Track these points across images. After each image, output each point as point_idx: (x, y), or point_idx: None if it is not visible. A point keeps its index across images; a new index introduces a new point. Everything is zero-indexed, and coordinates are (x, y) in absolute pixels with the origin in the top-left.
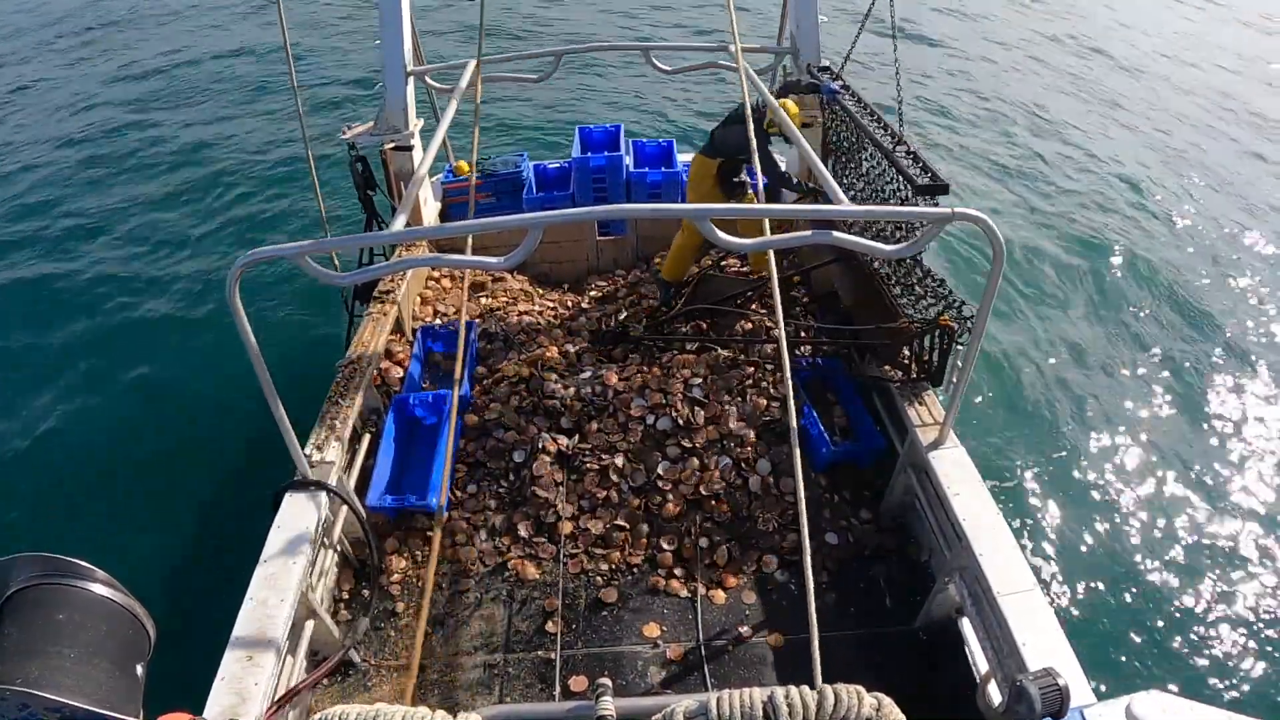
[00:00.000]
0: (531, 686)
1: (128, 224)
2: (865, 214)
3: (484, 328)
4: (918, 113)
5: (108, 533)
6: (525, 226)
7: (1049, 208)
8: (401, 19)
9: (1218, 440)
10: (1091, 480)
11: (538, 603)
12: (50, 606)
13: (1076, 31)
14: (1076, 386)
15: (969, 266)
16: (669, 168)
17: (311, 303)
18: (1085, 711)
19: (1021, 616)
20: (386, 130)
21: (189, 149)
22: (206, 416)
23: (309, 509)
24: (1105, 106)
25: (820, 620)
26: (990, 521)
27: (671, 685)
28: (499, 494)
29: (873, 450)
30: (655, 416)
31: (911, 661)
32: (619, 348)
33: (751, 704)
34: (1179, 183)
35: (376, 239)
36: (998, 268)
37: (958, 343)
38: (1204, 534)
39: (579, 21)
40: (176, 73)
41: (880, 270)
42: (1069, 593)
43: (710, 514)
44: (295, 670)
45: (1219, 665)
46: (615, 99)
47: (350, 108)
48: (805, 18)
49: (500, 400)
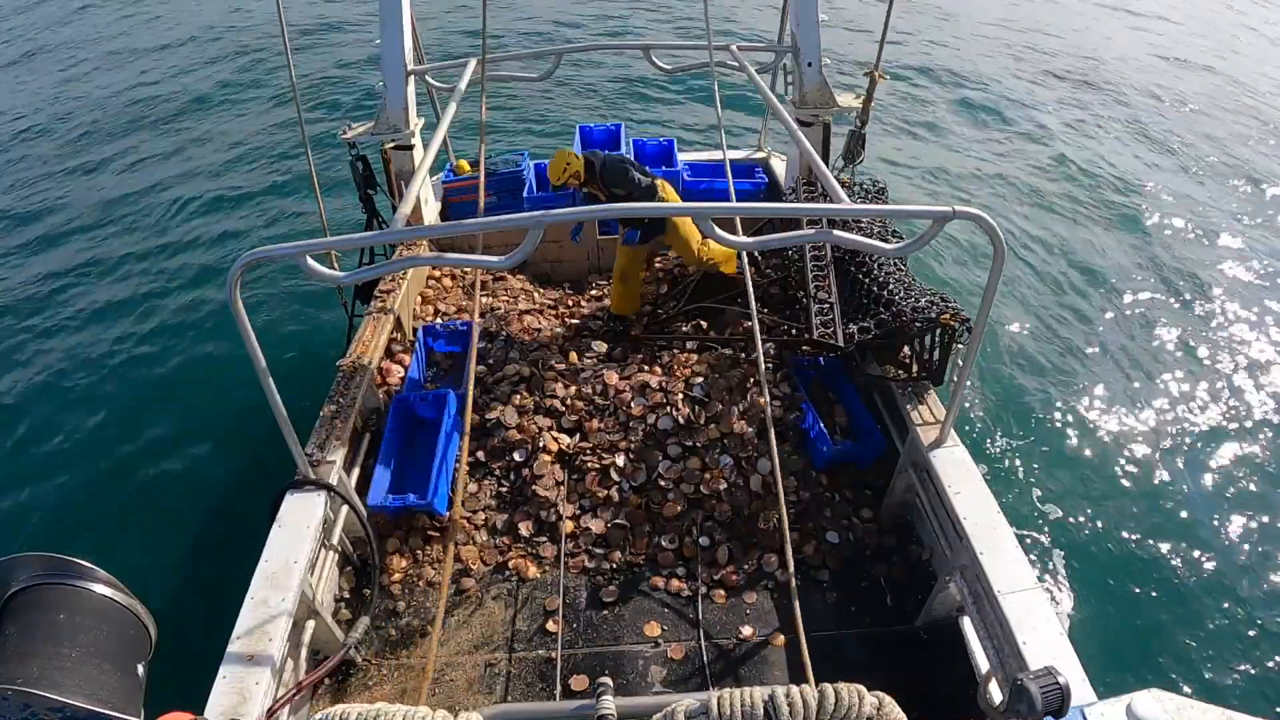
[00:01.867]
0: (532, 686)
1: (127, 224)
2: (865, 212)
3: (485, 327)
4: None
5: (109, 532)
6: (525, 226)
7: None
8: (401, 18)
9: (1219, 440)
10: (1092, 480)
11: (539, 602)
12: (51, 606)
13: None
14: (1077, 386)
15: (976, 265)
16: (669, 167)
17: (312, 302)
18: (1086, 710)
19: (1022, 615)
20: (387, 130)
21: (189, 150)
22: (207, 416)
23: (310, 508)
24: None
25: (821, 619)
26: (991, 520)
27: (672, 684)
28: (500, 493)
29: (873, 449)
30: (656, 416)
31: (912, 660)
32: (620, 347)
33: (752, 703)
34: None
35: (376, 238)
36: (998, 266)
37: (958, 342)
38: (1205, 534)
39: (580, 21)
40: (177, 74)
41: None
42: (1070, 592)
43: (711, 513)
44: (295, 670)
45: (1219, 664)
46: (616, 98)
47: (350, 107)
48: (805, 17)
49: (501, 399)
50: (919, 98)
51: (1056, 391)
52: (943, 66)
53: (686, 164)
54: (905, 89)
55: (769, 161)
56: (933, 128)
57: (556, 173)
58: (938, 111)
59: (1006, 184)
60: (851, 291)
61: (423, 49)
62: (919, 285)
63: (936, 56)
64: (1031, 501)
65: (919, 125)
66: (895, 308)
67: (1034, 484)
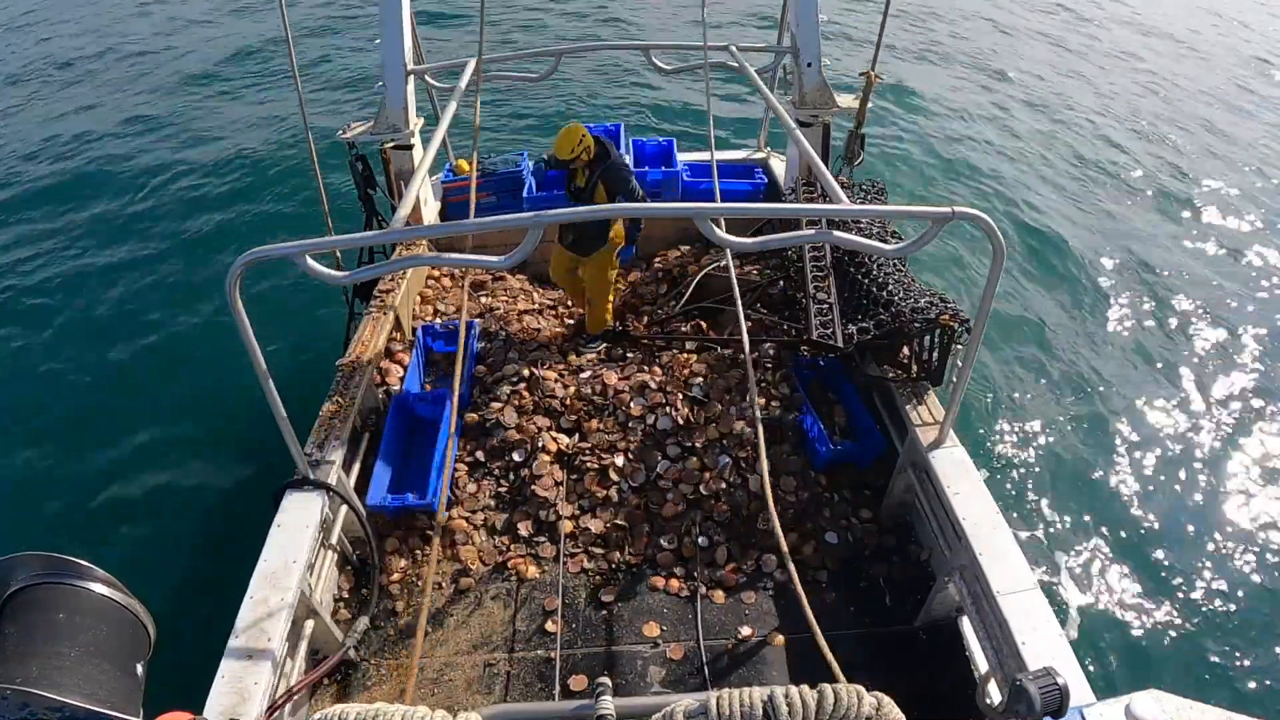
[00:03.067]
0: (531, 686)
1: (127, 224)
2: (865, 213)
3: (484, 327)
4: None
5: (108, 532)
6: (525, 226)
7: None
8: (401, 18)
9: (1220, 440)
10: (1093, 479)
11: (538, 602)
12: (51, 606)
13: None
14: (1078, 386)
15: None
16: (669, 167)
17: (312, 302)
18: (1085, 711)
19: (1021, 616)
20: (386, 129)
21: (188, 150)
22: (206, 416)
23: (309, 508)
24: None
25: (820, 619)
26: (990, 521)
27: (671, 684)
28: (499, 493)
29: (873, 450)
30: (655, 416)
31: (911, 661)
32: (619, 347)
33: (751, 703)
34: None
35: (376, 238)
36: (998, 267)
37: (957, 342)
38: (1206, 534)
39: (579, 21)
40: (176, 72)
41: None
42: (1069, 592)
43: (710, 513)
44: (295, 670)
45: (1219, 665)
46: (615, 98)
47: (350, 107)
48: (805, 17)
49: (500, 399)
50: (920, 97)
51: (1057, 391)
52: (945, 65)
53: (686, 164)
54: (906, 89)
55: (769, 162)
56: (932, 129)
57: (568, 147)
58: (938, 112)
59: (1007, 184)
60: (851, 292)
61: (422, 49)
62: (918, 286)
63: (937, 58)
64: (1031, 501)
65: (920, 124)
66: (894, 308)
67: (1034, 484)
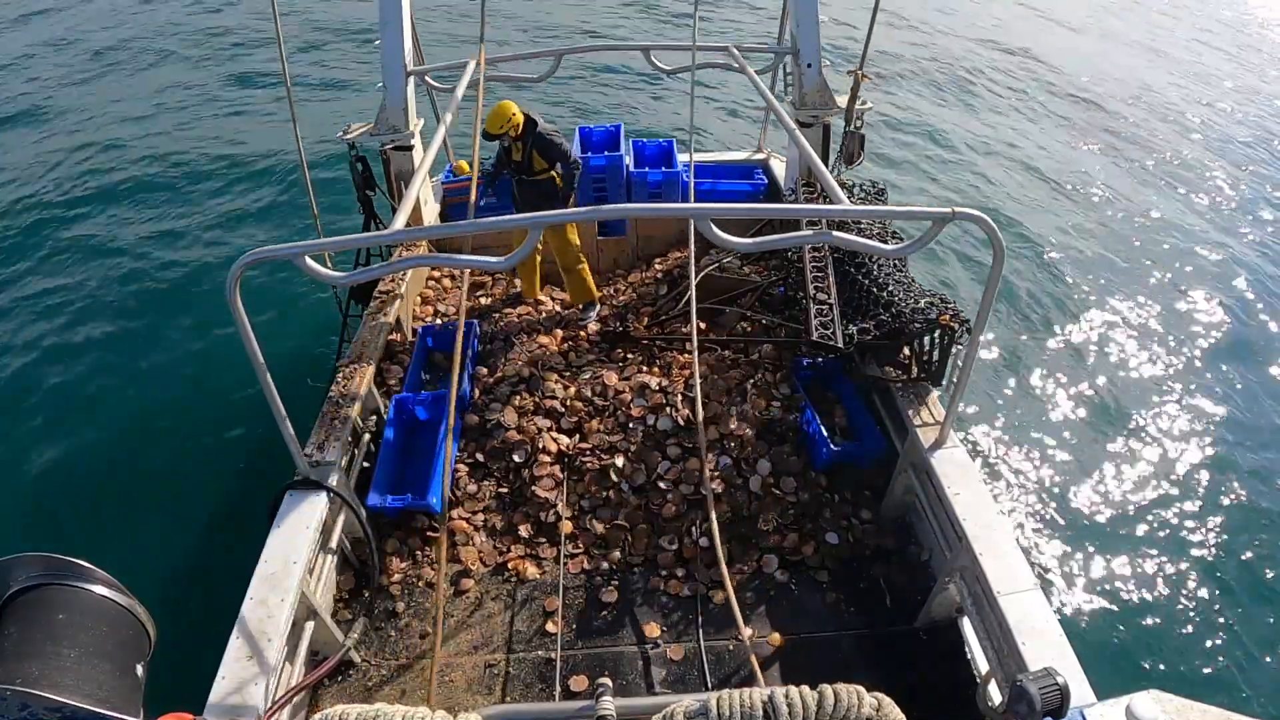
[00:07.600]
0: (532, 686)
1: (127, 226)
2: (864, 213)
3: (484, 328)
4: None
5: (108, 533)
6: (525, 226)
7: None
8: (401, 19)
9: (1221, 441)
10: (1094, 480)
11: (538, 603)
12: (51, 607)
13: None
14: (1079, 387)
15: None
16: (669, 168)
17: (312, 303)
18: (1085, 711)
19: (1021, 616)
20: (386, 130)
21: (188, 150)
22: (206, 417)
23: (309, 509)
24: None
25: (821, 620)
26: (991, 521)
27: (672, 685)
28: (500, 494)
29: (873, 450)
30: (655, 416)
31: (912, 661)
32: (619, 347)
33: (751, 704)
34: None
35: (376, 239)
36: (998, 268)
37: (957, 342)
38: (1206, 534)
39: (579, 20)
40: (176, 71)
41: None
42: (1069, 593)
43: (710, 514)
44: (295, 670)
45: (1219, 665)
46: (615, 98)
47: (351, 107)
48: (805, 18)
49: (501, 400)
50: (919, 98)
51: (1057, 392)
52: (944, 65)
53: (686, 165)
54: (905, 88)
55: (769, 162)
56: (934, 128)
57: (498, 123)
58: (938, 111)
59: (1006, 184)
60: (851, 292)
61: (422, 49)
62: (918, 286)
63: (937, 56)
64: (1031, 502)
65: (918, 125)
66: (895, 309)
67: (1034, 484)
